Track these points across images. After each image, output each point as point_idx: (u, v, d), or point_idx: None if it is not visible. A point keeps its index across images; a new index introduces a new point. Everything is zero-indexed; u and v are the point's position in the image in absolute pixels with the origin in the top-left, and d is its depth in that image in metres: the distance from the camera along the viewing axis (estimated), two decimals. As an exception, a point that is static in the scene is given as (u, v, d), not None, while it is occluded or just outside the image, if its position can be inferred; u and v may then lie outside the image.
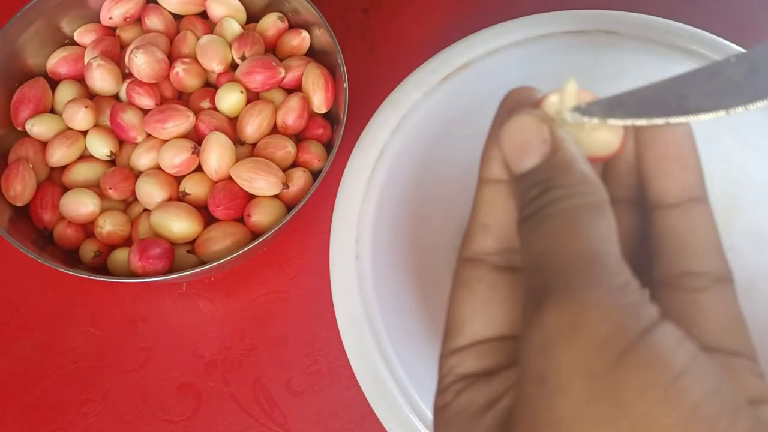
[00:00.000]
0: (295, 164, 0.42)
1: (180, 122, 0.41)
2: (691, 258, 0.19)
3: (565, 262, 0.16)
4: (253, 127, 0.42)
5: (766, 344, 0.38)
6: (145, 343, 0.43)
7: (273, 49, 0.46)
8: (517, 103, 0.20)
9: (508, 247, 0.20)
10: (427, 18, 0.51)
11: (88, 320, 0.43)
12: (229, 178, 0.41)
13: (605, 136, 0.20)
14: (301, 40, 0.45)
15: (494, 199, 0.20)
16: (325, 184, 0.40)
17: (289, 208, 0.41)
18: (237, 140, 0.43)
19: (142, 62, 0.42)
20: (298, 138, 0.44)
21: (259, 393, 0.41)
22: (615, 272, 0.16)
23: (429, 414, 0.35)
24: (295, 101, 0.42)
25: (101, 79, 0.43)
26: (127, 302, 0.44)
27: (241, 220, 0.41)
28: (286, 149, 0.42)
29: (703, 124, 0.44)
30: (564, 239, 0.17)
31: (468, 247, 0.20)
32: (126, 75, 0.44)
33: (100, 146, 0.42)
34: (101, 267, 0.41)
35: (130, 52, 0.42)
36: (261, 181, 0.40)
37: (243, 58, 0.43)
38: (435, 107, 0.41)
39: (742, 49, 0.41)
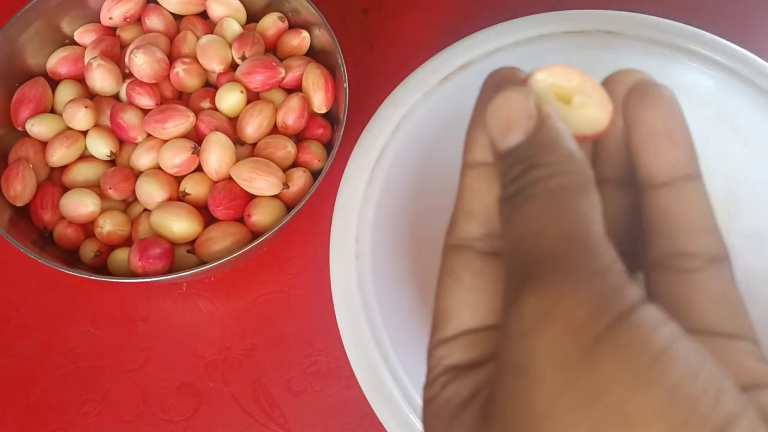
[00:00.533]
0: (295, 164, 0.42)
1: (180, 122, 0.41)
2: (683, 238, 0.18)
3: (546, 246, 0.16)
4: (253, 127, 0.42)
5: (767, 344, 0.38)
6: (145, 343, 0.43)
7: (273, 49, 0.46)
8: (502, 81, 0.20)
9: (493, 232, 0.19)
10: (427, 18, 0.51)
11: (88, 320, 0.43)
12: (230, 178, 0.41)
13: (593, 113, 0.19)
14: (301, 40, 0.45)
15: (478, 183, 0.19)
16: (325, 184, 0.40)
17: (289, 208, 0.41)
18: (237, 140, 0.43)
19: (142, 62, 0.42)
20: (298, 138, 0.44)
21: (259, 393, 0.41)
22: (596, 255, 0.15)
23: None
24: (295, 101, 0.42)
25: (101, 79, 0.43)
26: (127, 302, 0.44)
27: (241, 220, 0.41)
28: (286, 149, 0.42)
29: (704, 124, 0.44)
30: (545, 222, 0.16)
31: (453, 233, 0.20)
32: (126, 75, 0.44)
33: (100, 146, 0.42)
34: (101, 267, 0.41)
35: (130, 52, 0.42)
36: (261, 181, 0.40)
37: (243, 58, 0.43)
38: (435, 107, 0.41)
39: (742, 50, 0.41)
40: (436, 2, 0.51)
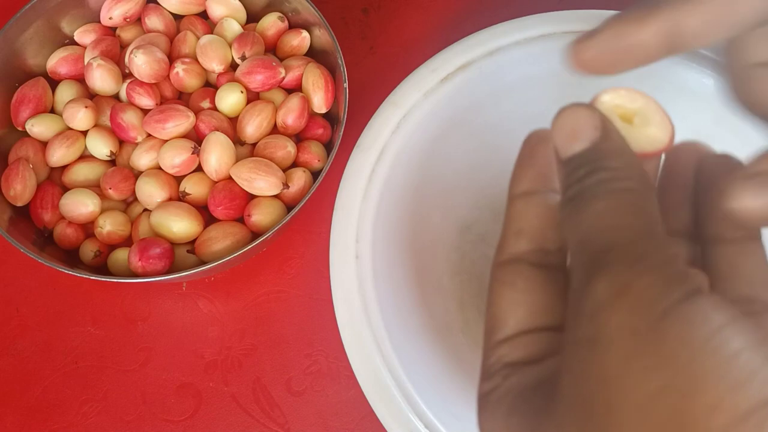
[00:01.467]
0: (295, 164, 0.42)
1: (180, 122, 0.41)
2: (746, 287, 0.20)
3: (615, 237, 0.17)
4: (253, 126, 0.42)
5: None
6: (145, 343, 0.43)
7: (273, 49, 0.46)
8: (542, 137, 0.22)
9: (542, 248, 0.21)
10: (427, 18, 0.51)
11: (88, 320, 0.43)
12: (230, 178, 0.41)
13: (654, 132, 0.20)
14: (301, 40, 0.45)
15: (525, 208, 0.21)
16: (325, 184, 0.40)
17: (289, 208, 0.41)
18: (237, 140, 0.43)
19: (142, 62, 0.42)
20: (299, 138, 0.44)
21: (259, 393, 0.41)
22: (664, 245, 0.17)
23: (429, 414, 0.35)
24: (295, 101, 0.42)
25: (101, 79, 0.43)
26: (127, 302, 0.44)
27: (241, 220, 0.41)
28: (286, 149, 0.42)
29: (703, 123, 0.44)
30: (613, 218, 0.18)
31: (502, 251, 0.21)
32: (126, 75, 0.44)
33: (100, 146, 0.42)
34: (101, 267, 0.41)
35: (130, 52, 0.42)
36: (261, 181, 0.40)
37: (243, 58, 0.43)
38: (435, 107, 0.41)
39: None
40: (436, 2, 0.51)
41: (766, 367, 0.15)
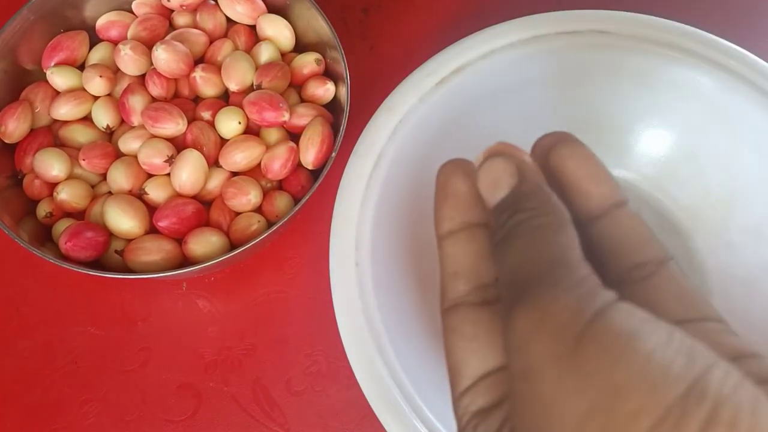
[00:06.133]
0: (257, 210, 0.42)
1: (167, 127, 0.41)
2: (632, 254, 0.21)
3: (531, 270, 0.18)
4: (233, 159, 0.42)
5: (766, 339, 0.38)
6: (145, 343, 0.43)
7: (300, 87, 0.45)
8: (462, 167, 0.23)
9: (479, 284, 0.22)
10: (427, 18, 0.51)
11: (88, 320, 0.43)
12: (189, 198, 0.41)
13: None
14: (324, 91, 0.44)
15: (453, 248, 0.22)
16: (325, 184, 0.40)
17: (272, 221, 0.41)
18: (216, 162, 0.43)
19: (162, 58, 0.42)
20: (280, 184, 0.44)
21: (259, 393, 0.41)
22: (574, 269, 0.18)
23: (429, 414, 0.35)
24: (281, 150, 0.42)
25: (124, 66, 0.44)
26: (127, 302, 0.44)
27: (179, 240, 0.40)
28: (247, 196, 0.41)
29: (698, 120, 0.44)
30: (530, 253, 0.19)
31: (445, 298, 0.22)
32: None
33: (101, 116, 0.43)
34: (97, 263, 0.41)
35: (156, 46, 0.42)
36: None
37: (259, 86, 0.43)
38: (431, 112, 0.41)
39: (735, 47, 0.41)
40: (436, 2, 0.51)
41: (678, 358, 0.16)
